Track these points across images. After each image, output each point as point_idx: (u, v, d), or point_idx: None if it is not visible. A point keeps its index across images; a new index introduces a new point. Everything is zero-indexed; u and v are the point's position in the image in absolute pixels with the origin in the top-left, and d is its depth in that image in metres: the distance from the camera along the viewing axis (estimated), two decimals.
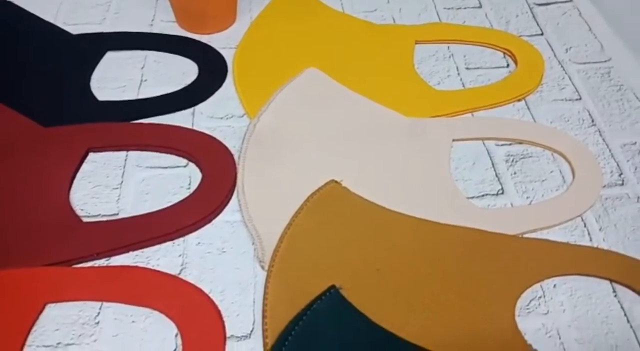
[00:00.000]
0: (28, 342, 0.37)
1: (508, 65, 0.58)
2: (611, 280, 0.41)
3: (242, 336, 0.38)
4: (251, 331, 0.38)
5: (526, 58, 0.58)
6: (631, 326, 0.39)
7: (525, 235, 0.44)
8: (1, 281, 0.39)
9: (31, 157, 0.47)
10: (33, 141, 0.48)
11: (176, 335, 0.38)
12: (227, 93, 0.54)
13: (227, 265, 0.42)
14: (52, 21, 0.60)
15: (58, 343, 0.37)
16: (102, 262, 0.41)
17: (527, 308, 0.40)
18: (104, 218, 0.44)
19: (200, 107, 0.53)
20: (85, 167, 0.47)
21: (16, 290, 0.39)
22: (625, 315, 0.40)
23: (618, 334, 0.39)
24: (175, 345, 0.37)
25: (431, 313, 0.39)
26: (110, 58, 0.57)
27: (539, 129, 0.52)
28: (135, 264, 0.41)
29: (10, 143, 0.48)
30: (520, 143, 0.51)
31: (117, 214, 0.44)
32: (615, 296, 0.41)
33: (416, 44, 0.60)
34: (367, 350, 0.37)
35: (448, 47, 0.60)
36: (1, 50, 0.56)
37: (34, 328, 0.38)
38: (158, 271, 0.40)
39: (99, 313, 0.39)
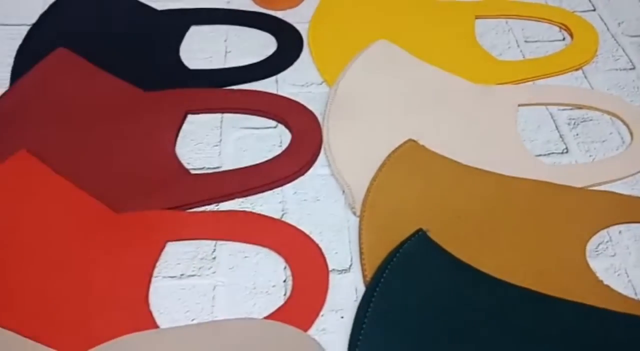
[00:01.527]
0: (154, 274, 0.42)
1: (564, 39, 0.62)
2: None
3: (342, 270, 0.43)
4: (350, 266, 0.43)
5: (581, 31, 0.62)
6: None
7: (590, 189, 0.48)
8: (128, 222, 0.44)
9: (137, 117, 0.52)
10: (137, 104, 0.53)
11: (284, 268, 0.43)
12: (304, 63, 0.59)
13: (322, 211, 0.46)
14: None
15: (181, 275, 0.42)
16: (211, 208, 0.46)
17: (596, 251, 0.44)
18: (209, 171, 0.49)
19: (282, 76, 0.57)
20: (185, 127, 0.52)
21: (141, 230, 0.44)
22: None
23: None
24: (285, 276, 0.42)
25: (510, 254, 0.43)
26: (194, 32, 0.62)
27: (598, 95, 0.56)
28: (242, 209, 0.46)
29: (117, 106, 0.53)
30: (580, 108, 0.55)
31: (220, 167, 0.49)
32: None
33: (476, 18, 0.64)
34: (453, 284, 0.41)
35: (506, 22, 0.64)
36: (99, 27, 0.61)
37: (158, 262, 0.43)
38: (264, 214, 0.45)
39: (214, 249, 0.44)
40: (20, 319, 0.39)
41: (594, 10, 0.66)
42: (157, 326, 0.39)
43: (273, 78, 0.57)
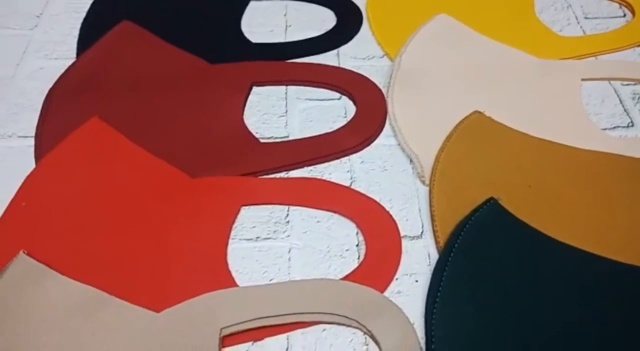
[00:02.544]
0: (232, 236, 0.43)
1: (625, 15, 0.62)
2: None
3: (415, 236, 0.43)
4: (421, 233, 0.44)
5: None
6: None
7: None
8: (204, 187, 0.45)
9: (204, 88, 0.53)
10: (203, 75, 0.54)
11: (357, 233, 0.43)
12: (365, 37, 0.59)
13: (390, 180, 0.47)
14: None
15: (257, 237, 0.43)
16: (281, 175, 0.47)
17: None
18: (277, 140, 0.50)
19: (342, 49, 0.58)
20: (251, 98, 0.53)
21: (217, 194, 0.45)
22: None
23: None
24: (357, 241, 0.43)
25: (579, 224, 0.44)
26: (254, 6, 0.63)
27: None
28: (311, 177, 0.47)
29: (184, 77, 0.54)
30: None
31: (288, 136, 0.50)
32: None
33: None
34: (525, 250, 0.42)
35: None
36: (161, 2, 0.62)
37: (234, 226, 0.44)
38: (334, 182, 0.46)
39: (287, 214, 0.45)
40: (104, 279, 0.40)
41: None
42: (236, 285, 0.40)
43: (334, 51, 0.58)
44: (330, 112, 0.52)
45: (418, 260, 0.42)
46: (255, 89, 0.54)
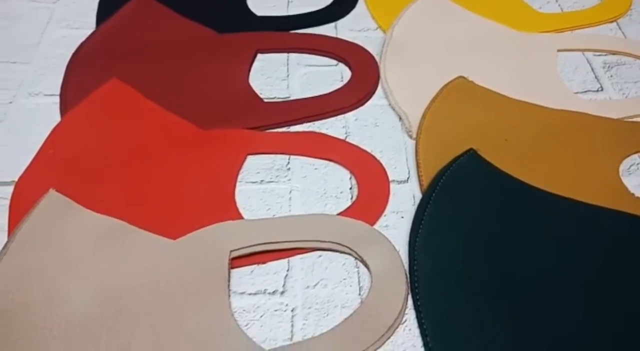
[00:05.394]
0: (239, 179, 0.48)
1: None
2: None
3: (401, 181, 0.49)
4: (408, 178, 0.49)
5: None
6: None
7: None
8: (213, 137, 0.50)
9: (214, 54, 0.58)
10: (213, 43, 0.60)
11: (350, 178, 0.49)
12: (360, 12, 0.65)
13: (381, 134, 0.52)
14: None
15: (261, 181, 0.48)
16: (283, 130, 0.52)
17: (628, 171, 0.49)
18: (280, 100, 0.55)
19: (340, 22, 0.63)
20: (256, 64, 0.59)
21: (225, 144, 0.50)
22: None
23: None
24: (351, 185, 0.48)
25: (550, 174, 0.49)
26: None
27: (631, 43, 0.61)
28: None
29: (195, 45, 0.59)
30: (614, 54, 0.60)
31: (289, 97, 0.55)
32: None
33: None
34: (499, 194, 0.47)
35: None
36: None
37: (241, 171, 0.49)
38: (331, 135, 0.51)
39: (288, 162, 0.50)
40: (125, 216, 0.45)
41: None
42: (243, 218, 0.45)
43: (332, 24, 0.63)
44: (328, 76, 0.57)
45: (404, 200, 0.47)
46: (259, 56, 0.59)
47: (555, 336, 0.38)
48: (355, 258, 0.43)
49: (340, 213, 0.46)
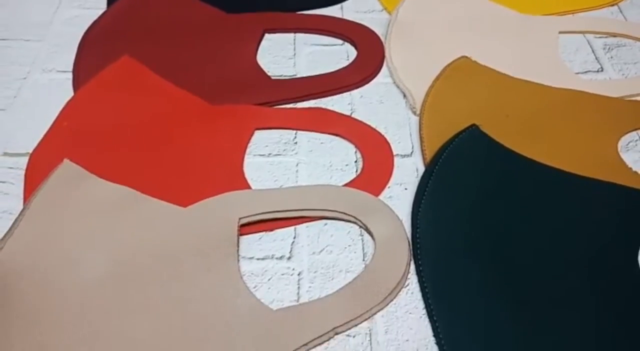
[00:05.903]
0: (247, 152, 0.50)
1: None
2: None
3: (405, 154, 0.50)
4: (411, 152, 0.50)
5: None
6: None
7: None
8: (223, 112, 0.52)
9: (222, 34, 0.60)
10: (221, 23, 0.61)
11: (355, 152, 0.50)
12: None
13: (385, 111, 0.54)
14: None
15: (269, 154, 0.50)
16: (290, 106, 0.54)
17: (627, 147, 0.51)
18: (287, 78, 0.56)
19: (346, 4, 0.65)
20: (263, 43, 0.60)
21: (234, 119, 0.51)
22: None
23: None
24: (356, 158, 0.50)
25: (550, 149, 0.50)
26: None
27: (631, 25, 0.62)
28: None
29: (204, 25, 0.61)
30: (615, 36, 0.61)
31: (296, 75, 0.57)
32: None
33: None
34: (499, 167, 0.48)
35: None
36: None
37: (249, 144, 0.50)
38: (336, 111, 0.53)
39: (295, 136, 0.51)
40: (137, 185, 0.46)
41: None
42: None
43: (338, 6, 0.64)
44: (334, 55, 0.59)
45: (408, 173, 0.48)
46: (267, 36, 0.61)
47: (553, 297, 0.40)
48: (360, 227, 0.44)
49: (345, 185, 0.47)
